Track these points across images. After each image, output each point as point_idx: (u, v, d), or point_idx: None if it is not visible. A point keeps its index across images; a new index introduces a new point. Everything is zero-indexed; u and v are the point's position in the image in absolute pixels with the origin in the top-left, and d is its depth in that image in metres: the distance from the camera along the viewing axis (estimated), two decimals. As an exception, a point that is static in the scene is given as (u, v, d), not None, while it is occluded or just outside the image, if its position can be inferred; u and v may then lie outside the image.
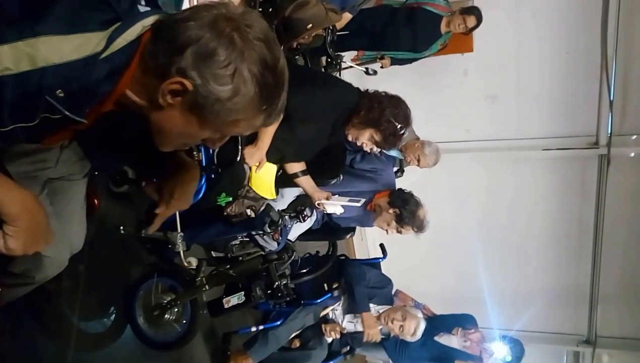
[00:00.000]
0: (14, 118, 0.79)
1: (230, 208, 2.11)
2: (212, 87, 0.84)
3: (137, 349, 2.36)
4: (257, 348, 2.94)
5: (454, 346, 3.21)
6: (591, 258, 5.12)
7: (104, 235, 1.50)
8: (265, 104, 0.90)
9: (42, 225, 0.94)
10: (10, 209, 0.86)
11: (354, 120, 2.25)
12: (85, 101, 0.85)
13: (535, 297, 5.31)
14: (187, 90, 0.84)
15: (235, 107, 0.87)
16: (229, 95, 0.85)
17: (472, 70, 4.81)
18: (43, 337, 1.93)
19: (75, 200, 1.34)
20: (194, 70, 0.82)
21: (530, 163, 5.09)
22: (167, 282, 2.36)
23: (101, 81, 0.83)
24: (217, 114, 0.87)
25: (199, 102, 0.85)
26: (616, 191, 4.76)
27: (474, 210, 5.31)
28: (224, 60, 0.83)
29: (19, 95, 0.77)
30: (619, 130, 4.61)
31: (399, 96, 2.31)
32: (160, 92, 0.85)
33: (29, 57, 0.75)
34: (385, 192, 2.70)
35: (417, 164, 3.33)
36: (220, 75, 0.83)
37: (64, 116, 0.82)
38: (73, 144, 1.23)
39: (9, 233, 0.87)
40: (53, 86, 0.78)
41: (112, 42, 0.83)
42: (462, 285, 5.48)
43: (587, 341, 5.50)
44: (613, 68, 4.37)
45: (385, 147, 2.37)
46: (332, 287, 2.88)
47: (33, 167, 1.16)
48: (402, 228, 2.63)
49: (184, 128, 0.91)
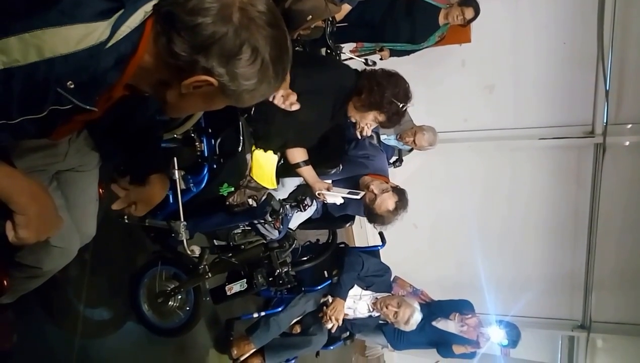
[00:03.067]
0: (22, 110, 0.79)
1: (232, 198, 2.13)
2: (239, 83, 0.88)
3: (142, 335, 2.41)
4: (259, 334, 2.99)
5: (451, 331, 3.27)
6: (586, 245, 5.18)
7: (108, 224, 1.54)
8: (277, 75, 0.94)
9: (50, 212, 0.94)
10: (20, 199, 0.86)
11: (356, 103, 2.28)
12: (95, 90, 0.86)
13: (531, 283, 5.38)
14: (212, 85, 0.87)
15: (259, 91, 0.92)
16: (254, 87, 0.90)
17: (470, 60, 4.81)
18: (50, 323, 1.96)
19: (89, 191, 1.36)
20: (221, 68, 0.85)
21: (527, 152, 5.12)
22: (171, 270, 2.40)
23: (109, 70, 0.85)
24: (239, 97, 0.92)
25: (227, 92, 0.90)
26: (611, 179, 4.80)
27: (471, 199, 5.35)
28: (249, 57, 0.86)
29: (28, 86, 0.77)
30: (614, 119, 4.62)
31: (396, 72, 2.33)
32: (182, 86, 0.88)
33: (37, 48, 0.76)
34: (377, 175, 2.67)
35: (414, 145, 3.41)
36: (247, 73, 0.87)
37: (74, 106, 0.83)
38: (82, 136, 1.24)
39: (20, 223, 0.88)
40: (62, 77, 0.79)
41: (116, 30, 0.83)
42: (459, 271, 5.55)
43: (582, 326, 5.58)
44: (609, 57, 4.37)
45: (389, 126, 2.41)
46: (332, 274, 2.93)
47: (41, 162, 1.17)
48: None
49: (203, 106, 0.96)
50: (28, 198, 0.87)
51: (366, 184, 2.55)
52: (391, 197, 2.50)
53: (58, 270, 1.35)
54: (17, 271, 1.29)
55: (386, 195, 2.49)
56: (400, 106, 2.25)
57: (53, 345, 1.96)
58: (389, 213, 2.50)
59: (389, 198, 2.49)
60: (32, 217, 0.89)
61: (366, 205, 2.52)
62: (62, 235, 1.25)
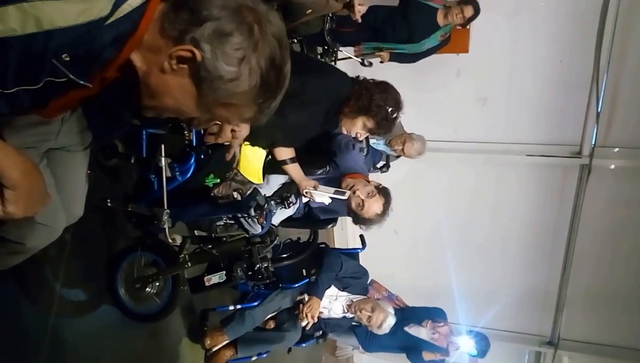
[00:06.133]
0: (18, 80, 0.79)
1: (217, 190, 2.13)
2: (219, 63, 0.87)
3: (117, 319, 2.42)
4: (233, 327, 3.01)
5: (422, 337, 3.30)
6: (562, 264, 5.27)
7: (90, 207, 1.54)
8: (261, 98, 0.94)
9: (40, 189, 0.93)
10: (11, 173, 0.84)
11: (345, 110, 2.26)
12: (89, 65, 0.86)
13: (504, 296, 5.44)
14: (194, 60, 0.87)
15: (234, 90, 0.90)
16: (231, 77, 0.88)
17: (465, 71, 4.86)
18: (25, 300, 1.96)
19: (78, 172, 1.35)
20: (207, 44, 0.86)
21: (513, 167, 5.19)
22: (151, 257, 2.40)
23: (106, 46, 0.85)
24: (214, 91, 0.90)
25: (202, 74, 0.88)
26: (593, 201, 4.88)
27: (454, 209, 5.41)
28: (238, 43, 0.87)
29: (25, 57, 0.77)
30: (602, 142, 4.70)
31: (386, 81, 2.32)
32: (168, 55, 0.88)
33: (35, 19, 0.76)
34: (356, 175, 2.61)
35: (403, 152, 3.43)
36: (229, 55, 0.87)
37: (69, 80, 0.84)
38: (75, 115, 1.23)
39: (9, 198, 0.86)
40: (59, 50, 0.79)
41: (117, 8, 0.83)
42: (435, 279, 5.59)
43: (550, 342, 5.69)
44: (604, 80, 4.44)
45: (379, 133, 2.35)
46: (310, 272, 2.95)
47: (32, 139, 1.16)
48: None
49: (179, 97, 0.93)
50: (19, 174, 0.86)
51: (350, 187, 2.52)
52: (378, 201, 2.47)
53: (41, 247, 1.35)
54: (0, 246, 1.29)
55: (373, 200, 2.46)
56: (389, 111, 2.23)
57: (27, 322, 1.96)
58: (377, 216, 2.48)
59: (376, 202, 2.46)
60: (23, 192, 0.87)
61: (352, 210, 2.52)
62: (48, 213, 1.25)
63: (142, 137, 2.07)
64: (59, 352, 2.05)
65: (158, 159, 2.01)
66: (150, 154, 2.06)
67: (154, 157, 2.03)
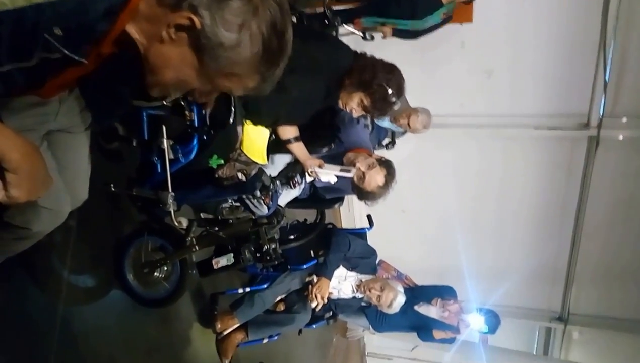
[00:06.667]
0: (11, 56, 0.78)
1: (221, 171, 2.10)
2: (219, 30, 0.84)
3: (126, 305, 2.40)
4: (243, 310, 3.01)
5: (432, 316, 3.29)
6: (571, 238, 5.24)
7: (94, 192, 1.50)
8: (263, 66, 0.91)
9: (42, 171, 0.92)
10: (12, 156, 0.83)
11: (346, 82, 2.21)
12: (83, 40, 0.84)
13: (513, 272, 5.43)
14: (193, 28, 0.84)
15: (235, 58, 0.88)
16: (232, 44, 0.86)
17: (470, 42, 4.72)
18: (33, 288, 1.94)
19: (80, 153, 1.33)
20: (206, 10, 0.83)
21: (520, 141, 5.11)
22: (158, 241, 2.38)
23: (99, 19, 0.82)
24: (215, 60, 0.88)
25: (202, 42, 0.86)
26: (602, 173, 4.82)
27: (462, 186, 5.37)
28: (237, 8, 0.84)
29: (16, 32, 0.76)
30: (611, 112, 4.60)
31: (395, 65, 2.26)
32: (166, 24, 0.85)
33: None
34: (359, 149, 2.61)
35: (408, 126, 3.38)
36: (229, 21, 0.84)
37: (64, 57, 0.82)
38: (73, 95, 1.21)
39: (11, 182, 0.85)
40: (50, 23, 0.78)
41: None
42: (444, 257, 5.60)
43: (560, 318, 5.70)
44: (611, 47, 4.32)
45: (374, 112, 2.30)
46: (318, 253, 2.93)
47: (31, 121, 1.14)
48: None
49: (180, 68, 0.91)
50: (20, 156, 0.84)
51: (352, 161, 2.48)
52: (379, 172, 2.43)
53: (47, 232, 1.33)
54: (5, 232, 1.27)
55: (374, 171, 2.42)
56: (389, 93, 2.17)
57: (36, 310, 1.94)
58: (380, 188, 2.45)
59: (377, 174, 2.42)
60: (24, 175, 0.86)
61: (355, 184, 2.48)
62: (51, 197, 1.23)
63: (143, 119, 2.03)
64: (70, 340, 2.03)
65: (160, 141, 1.97)
66: (151, 136, 2.03)
67: (156, 139, 1.99)
